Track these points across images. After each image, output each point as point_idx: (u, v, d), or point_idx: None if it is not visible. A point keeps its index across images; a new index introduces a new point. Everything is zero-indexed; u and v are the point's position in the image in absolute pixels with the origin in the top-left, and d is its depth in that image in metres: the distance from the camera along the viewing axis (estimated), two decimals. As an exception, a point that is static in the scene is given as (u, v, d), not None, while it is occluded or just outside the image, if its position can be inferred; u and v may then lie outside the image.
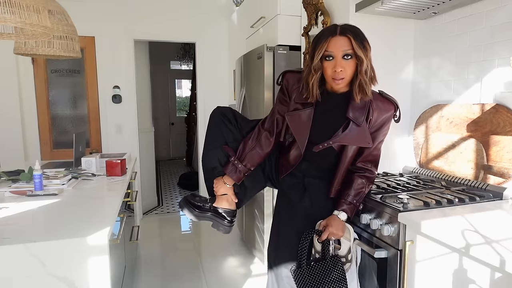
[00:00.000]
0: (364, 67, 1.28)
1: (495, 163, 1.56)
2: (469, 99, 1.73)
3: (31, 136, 3.60)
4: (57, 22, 1.93)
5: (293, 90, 1.42)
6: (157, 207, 4.57)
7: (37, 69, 3.57)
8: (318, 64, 1.30)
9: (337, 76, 1.28)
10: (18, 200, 1.62)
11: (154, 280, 2.64)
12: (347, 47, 1.26)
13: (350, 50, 1.26)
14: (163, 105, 8.25)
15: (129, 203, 2.40)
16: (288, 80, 1.44)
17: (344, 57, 1.27)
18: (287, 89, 1.44)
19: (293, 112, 1.40)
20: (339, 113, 1.36)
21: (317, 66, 1.30)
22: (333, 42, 1.26)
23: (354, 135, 1.35)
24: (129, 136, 3.89)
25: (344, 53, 1.26)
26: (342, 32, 1.27)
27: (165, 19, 3.88)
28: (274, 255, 1.57)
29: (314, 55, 1.29)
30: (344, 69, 1.28)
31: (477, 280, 1.04)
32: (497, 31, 1.57)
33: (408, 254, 1.28)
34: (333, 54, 1.27)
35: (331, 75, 1.30)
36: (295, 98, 1.40)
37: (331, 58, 1.28)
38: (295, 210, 1.51)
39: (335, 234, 1.38)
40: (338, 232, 1.38)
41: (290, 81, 1.43)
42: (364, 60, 1.27)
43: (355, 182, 1.42)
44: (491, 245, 1.00)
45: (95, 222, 1.31)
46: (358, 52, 1.26)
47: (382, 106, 1.39)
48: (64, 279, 1.15)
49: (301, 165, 1.47)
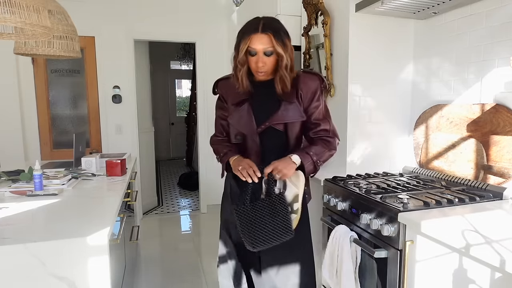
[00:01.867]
0: (284, 62, 1.39)
1: (495, 163, 1.56)
2: (469, 99, 1.73)
3: (31, 136, 3.60)
4: (57, 22, 1.93)
5: (228, 95, 1.55)
6: (157, 207, 4.57)
7: (37, 69, 3.57)
8: (243, 58, 1.41)
9: (260, 70, 1.42)
10: (18, 200, 1.62)
11: (154, 280, 2.65)
12: (268, 44, 1.37)
13: (270, 47, 1.37)
14: (163, 105, 8.25)
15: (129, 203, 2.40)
16: (221, 87, 1.59)
17: (265, 54, 1.38)
18: (223, 95, 1.58)
19: (233, 113, 1.52)
20: (270, 98, 1.48)
21: (242, 60, 1.42)
22: (254, 39, 1.36)
23: (287, 112, 1.46)
24: (129, 136, 3.89)
25: (265, 50, 1.38)
26: (263, 29, 1.36)
27: (165, 19, 3.88)
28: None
29: (239, 50, 1.40)
30: (266, 64, 1.40)
31: (477, 280, 1.04)
32: (497, 31, 1.57)
33: (408, 254, 1.28)
34: (256, 50, 1.38)
35: (255, 69, 1.43)
36: (230, 101, 1.53)
37: (253, 54, 1.39)
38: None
39: (280, 171, 1.37)
40: (285, 170, 1.38)
41: (223, 87, 1.57)
42: (284, 56, 1.38)
43: (315, 142, 1.52)
44: (491, 245, 1.00)
45: (95, 222, 1.31)
46: (278, 49, 1.37)
47: (308, 80, 1.49)
48: (64, 279, 1.15)
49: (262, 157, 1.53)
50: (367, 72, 2.01)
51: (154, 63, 5.65)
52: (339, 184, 1.74)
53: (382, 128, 2.08)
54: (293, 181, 1.42)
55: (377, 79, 2.03)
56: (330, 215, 1.79)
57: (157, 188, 4.91)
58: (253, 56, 1.40)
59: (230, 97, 1.53)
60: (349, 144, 2.03)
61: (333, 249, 1.61)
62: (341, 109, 2.05)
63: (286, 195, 1.40)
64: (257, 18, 1.43)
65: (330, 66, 2.13)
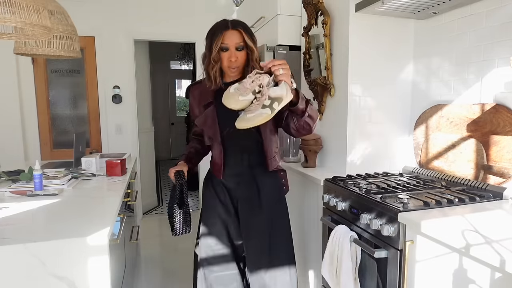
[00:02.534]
0: (255, 56, 1.48)
1: (495, 163, 1.56)
2: (469, 99, 1.73)
3: (31, 136, 3.60)
4: (57, 22, 1.93)
5: (196, 99, 1.61)
6: (157, 207, 4.57)
7: (37, 69, 3.57)
8: (217, 55, 1.46)
9: (232, 65, 1.47)
10: (18, 200, 1.62)
11: (154, 280, 2.65)
12: (239, 39, 1.45)
13: (242, 42, 1.46)
14: (163, 105, 8.25)
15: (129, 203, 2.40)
16: (193, 92, 1.65)
17: (237, 49, 1.46)
18: (194, 99, 1.63)
19: (200, 116, 1.59)
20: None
21: (216, 57, 1.47)
22: (227, 35, 1.44)
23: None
24: (129, 136, 3.89)
25: (237, 45, 1.45)
26: (233, 26, 1.45)
27: (165, 19, 3.88)
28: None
29: (212, 47, 1.46)
30: (238, 59, 1.47)
31: (477, 280, 1.04)
32: (497, 31, 1.57)
33: (408, 254, 1.28)
34: (228, 46, 1.45)
35: (227, 65, 1.48)
36: (198, 104, 1.60)
37: (226, 49, 1.46)
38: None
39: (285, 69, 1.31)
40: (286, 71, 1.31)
41: (195, 92, 1.63)
42: (254, 50, 1.47)
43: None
44: (491, 245, 1.00)
45: (95, 222, 1.31)
46: (249, 43, 1.46)
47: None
48: (64, 279, 1.15)
49: (236, 158, 1.59)
50: (367, 72, 2.01)
51: (154, 63, 5.65)
52: (339, 184, 1.74)
53: (382, 128, 2.08)
54: (285, 87, 1.32)
55: (377, 79, 2.03)
56: (330, 215, 1.79)
57: (157, 188, 4.91)
58: (226, 52, 1.46)
59: (198, 100, 1.60)
60: (349, 144, 2.03)
61: (333, 249, 1.61)
62: (341, 109, 2.06)
63: (272, 89, 1.32)
64: (224, 19, 1.51)
65: (330, 66, 2.13)
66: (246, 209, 1.60)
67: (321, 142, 2.23)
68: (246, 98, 1.31)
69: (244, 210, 1.60)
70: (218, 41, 1.44)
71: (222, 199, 1.63)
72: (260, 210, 1.58)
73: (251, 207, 1.60)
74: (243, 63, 1.50)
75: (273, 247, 1.58)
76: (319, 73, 2.30)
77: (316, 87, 2.28)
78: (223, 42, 1.44)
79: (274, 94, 1.31)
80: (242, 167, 1.60)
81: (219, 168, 1.60)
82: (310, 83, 2.36)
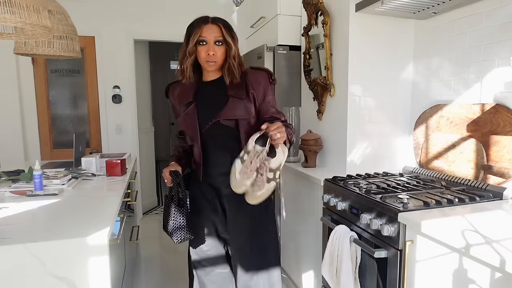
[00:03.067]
0: (233, 52, 1.45)
1: (495, 163, 1.56)
2: (469, 99, 1.73)
3: (31, 136, 3.60)
4: (57, 22, 1.93)
5: (176, 99, 1.58)
6: (157, 207, 4.57)
7: (37, 69, 3.57)
8: (193, 48, 1.45)
9: (210, 59, 1.44)
10: (18, 200, 1.62)
11: (154, 280, 2.65)
12: (218, 34, 1.44)
13: (220, 37, 1.44)
14: (163, 105, 8.23)
15: (129, 203, 2.40)
16: (172, 92, 1.61)
17: (216, 43, 1.44)
18: (174, 99, 1.60)
19: (181, 115, 1.55)
20: (219, 96, 1.49)
21: (191, 50, 1.45)
22: (206, 29, 1.43)
23: (234, 108, 1.46)
24: (129, 136, 3.89)
25: (216, 39, 1.44)
26: (213, 21, 1.46)
27: (165, 19, 3.88)
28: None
29: (189, 40, 1.44)
30: (216, 53, 1.44)
31: (477, 280, 1.04)
32: (497, 31, 1.57)
33: (408, 254, 1.28)
34: (206, 40, 1.44)
35: (205, 58, 1.45)
36: (178, 103, 1.56)
37: (204, 43, 1.44)
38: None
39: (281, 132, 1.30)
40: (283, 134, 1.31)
41: (174, 92, 1.59)
42: (232, 46, 1.45)
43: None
44: (491, 245, 1.00)
45: (95, 222, 1.31)
46: (227, 38, 1.44)
47: (257, 76, 1.52)
48: (64, 279, 1.15)
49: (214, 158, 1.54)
50: (367, 72, 2.01)
51: (154, 63, 5.65)
52: (339, 184, 1.74)
53: (382, 128, 2.08)
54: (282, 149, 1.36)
55: (377, 79, 2.03)
56: (330, 215, 1.79)
57: (157, 188, 4.91)
58: (204, 45, 1.44)
59: (178, 100, 1.57)
60: (349, 144, 2.03)
61: (333, 249, 1.61)
62: (341, 109, 2.06)
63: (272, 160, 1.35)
64: (205, 15, 1.50)
65: (330, 66, 2.13)
66: (233, 208, 1.55)
67: (321, 142, 2.24)
68: (251, 178, 1.35)
69: (231, 209, 1.55)
70: (196, 34, 1.43)
71: (209, 198, 1.57)
72: (245, 208, 1.48)
73: (237, 205, 1.52)
74: (221, 58, 1.46)
75: (258, 246, 1.55)
76: (319, 73, 2.30)
77: (316, 87, 2.28)
78: (201, 35, 1.43)
79: (275, 165, 1.36)
80: (225, 166, 1.47)
81: (199, 167, 1.55)
82: (310, 83, 2.36)
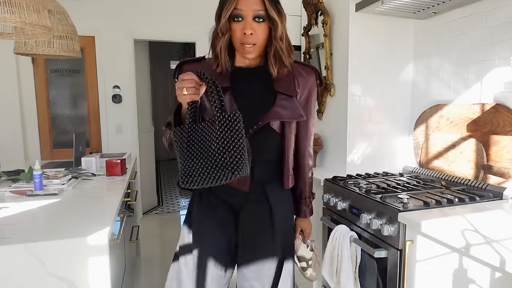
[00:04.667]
0: (279, 32, 1.09)
1: (495, 163, 1.56)
2: (469, 99, 1.73)
3: (31, 136, 3.60)
4: (57, 22, 1.93)
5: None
6: (157, 207, 4.57)
7: (37, 69, 3.57)
8: (226, 25, 1.08)
9: (247, 41, 1.08)
10: (18, 200, 1.62)
11: (154, 280, 2.64)
12: (259, 6, 1.06)
13: (262, 11, 1.07)
14: (163, 105, 8.24)
15: (129, 203, 2.40)
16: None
17: (256, 19, 1.07)
18: None
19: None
20: (261, 89, 1.15)
21: (224, 28, 1.09)
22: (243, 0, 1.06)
23: (286, 108, 1.13)
24: (129, 136, 3.89)
25: (256, 13, 1.06)
26: None
27: (165, 19, 3.88)
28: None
29: (221, 15, 1.08)
30: (255, 33, 1.07)
31: (477, 280, 1.04)
32: (497, 31, 1.57)
33: (408, 254, 1.28)
34: (243, 14, 1.07)
35: (240, 39, 1.08)
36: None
37: (240, 19, 1.07)
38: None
39: (309, 234, 1.40)
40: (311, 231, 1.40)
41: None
42: (279, 24, 1.08)
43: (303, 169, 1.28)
44: (491, 245, 1.00)
45: (95, 222, 1.31)
46: (271, 13, 1.07)
47: (304, 73, 1.20)
48: (64, 279, 1.15)
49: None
50: (367, 72, 2.01)
51: (154, 63, 5.65)
52: (339, 184, 1.74)
53: (382, 128, 2.08)
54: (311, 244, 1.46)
55: (377, 79, 2.04)
56: (330, 215, 1.79)
57: (157, 188, 4.91)
58: (240, 22, 1.08)
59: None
60: (349, 144, 2.03)
61: (333, 249, 1.61)
62: (341, 109, 2.06)
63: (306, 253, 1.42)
64: None
65: (330, 66, 2.13)
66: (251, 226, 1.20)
67: (321, 142, 2.24)
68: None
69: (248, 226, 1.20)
70: (230, 6, 1.06)
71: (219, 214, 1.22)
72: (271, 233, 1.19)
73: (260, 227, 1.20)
74: (262, 41, 1.10)
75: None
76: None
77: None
78: (236, 8, 1.06)
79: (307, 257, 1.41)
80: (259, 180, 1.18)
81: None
82: (310, 83, 2.36)
